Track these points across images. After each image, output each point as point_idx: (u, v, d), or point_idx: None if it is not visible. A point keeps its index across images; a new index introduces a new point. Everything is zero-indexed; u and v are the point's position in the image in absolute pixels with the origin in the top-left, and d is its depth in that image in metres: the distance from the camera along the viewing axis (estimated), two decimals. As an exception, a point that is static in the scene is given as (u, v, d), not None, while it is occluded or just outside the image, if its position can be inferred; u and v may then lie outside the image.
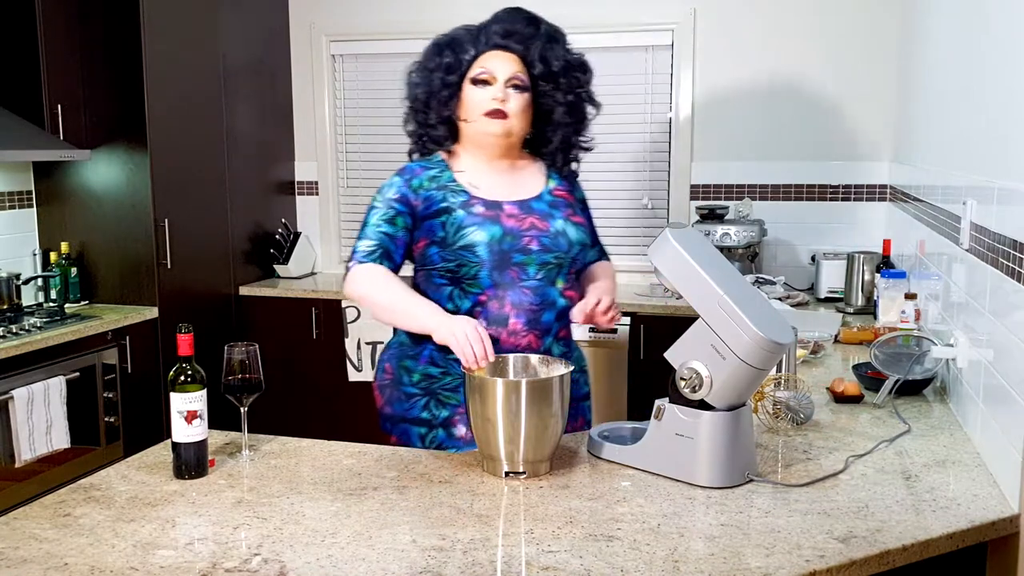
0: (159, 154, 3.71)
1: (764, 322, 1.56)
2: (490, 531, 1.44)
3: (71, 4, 3.62)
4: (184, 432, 1.65)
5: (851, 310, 3.42)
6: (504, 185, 2.01)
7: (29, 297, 3.72)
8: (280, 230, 4.48)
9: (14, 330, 3.22)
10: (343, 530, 1.44)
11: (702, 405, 1.61)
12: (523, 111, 1.99)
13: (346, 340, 4.07)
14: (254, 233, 4.36)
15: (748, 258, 3.90)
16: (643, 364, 3.68)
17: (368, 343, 4.04)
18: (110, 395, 3.50)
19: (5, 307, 3.50)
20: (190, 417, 1.64)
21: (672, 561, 1.33)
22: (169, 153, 3.76)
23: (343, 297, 4.06)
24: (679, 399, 1.63)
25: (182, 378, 1.65)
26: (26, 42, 3.60)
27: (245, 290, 4.24)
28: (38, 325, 3.31)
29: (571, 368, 1.76)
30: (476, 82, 1.97)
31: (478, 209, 1.94)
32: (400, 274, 1.99)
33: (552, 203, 2.02)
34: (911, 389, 2.19)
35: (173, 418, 1.65)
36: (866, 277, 3.40)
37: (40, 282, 3.72)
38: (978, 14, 2.17)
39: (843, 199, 3.98)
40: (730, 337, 1.56)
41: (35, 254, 3.84)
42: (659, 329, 3.62)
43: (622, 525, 1.45)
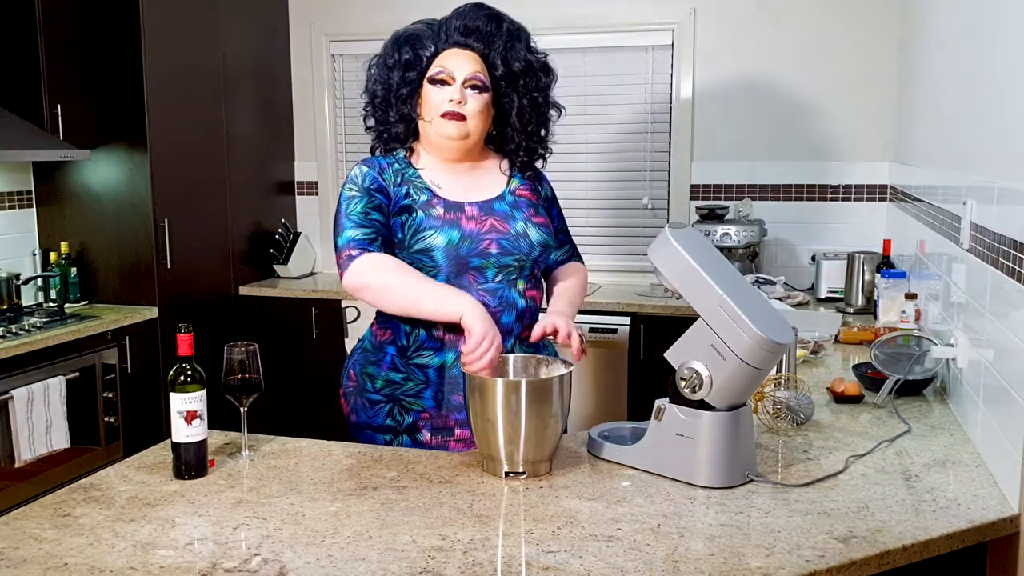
0: (159, 154, 3.71)
1: (764, 322, 1.56)
2: (490, 531, 1.44)
3: (71, 4, 3.62)
4: (184, 432, 1.65)
5: (851, 310, 3.42)
6: (465, 185, 1.98)
7: (29, 297, 3.72)
8: (280, 230, 4.48)
9: (14, 330, 3.22)
10: (343, 530, 1.44)
11: (702, 405, 1.61)
12: (481, 112, 1.94)
13: (346, 340, 4.07)
14: (254, 233, 4.36)
15: (748, 258, 3.90)
16: (643, 364, 3.68)
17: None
18: (110, 395, 3.50)
19: (5, 307, 3.50)
20: (190, 417, 1.64)
21: (672, 561, 1.33)
22: (169, 153, 3.76)
23: (343, 297, 4.06)
24: (679, 399, 1.63)
25: (182, 378, 1.65)
26: (26, 42, 3.60)
27: (245, 290, 4.24)
28: (38, 325, 3.31)
29: (571, 368, 1.76)
30: (434, 81, 1.92)
31: (438, 211, 1.91)
32: None
33: (513, 204, 1.99)
34: (911, 389, 2.19)
35: (173, 418, 1.64)
36: (866, 277, 3.40)
37: (40, 282, 3.72)
38: (978, 14, 2.17)
39: (843, 199, 3.98)
40: (730, 337, 1.56)
41: (35, 254, 3.84)
42: (659, 329, 3.62)
43: (622, 525, 1.45)
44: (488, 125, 1.99)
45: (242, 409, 1.76)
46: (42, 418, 3.15)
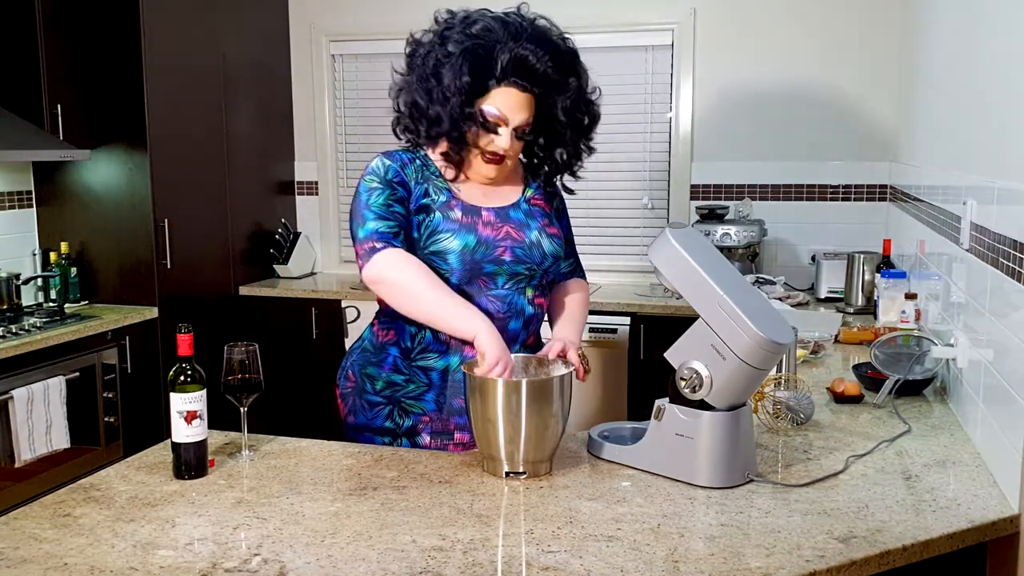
0: (159, 154, 3.71)
1: (764, 322, 1.56)
2: (490, 531, 1.44)
3: (71, 4, 3.62)
4: (184, 432, 1.65)
5: (851, 310, 3.42)
6: (483, 191, 1.96)
7: (29, 297, 3.72)
8: (280, 230, 4.48)
9: (14, 330, 3.22)
10: (343, 530, 1.44)
11: (702, 405, 1.61)
12: (519, 152, 1.93)
13: (346, 340, 4.07)
14: (254, 233, 4.36)
15: (748, 258, 3.90)
16: (643, 364, 3.68)
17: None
18: (110, 395, 3.50)
19: (5, 307, 3.50)
20: (190, 417, 1.64)
21: (672, 561, 1.33)
22: (169, 153, 3.76)
23: (343, 297, 4.06)
24: (679, 399, 1.63)
25: (182, 378, 1.65)
26: (26, 42, 3.60)
27: (245, 290, 4.24)
28: (38, 325, 3.31)
29: (571, 368, 1.76)
30: (484, 121, 1.84)
31: (456, 214, 1.89)
32: None
33: (528, 212, 1.98)
34: (911, 389, 2.19)
35: (173, 418, 1.64)
36: (866, 277, 3.40)
37: (40, 282, 3.72)
38: (978, 14, 2.17)
39: (843, 199, 3.98)
40: (730, 337, 1.56)
41: (35, 254, 3.84)
42: (659, 329, 3.62)
43: (622, 525, 1.45)
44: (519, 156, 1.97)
45: (242, 409, 1.76)
46: (42, 418, 3.15)
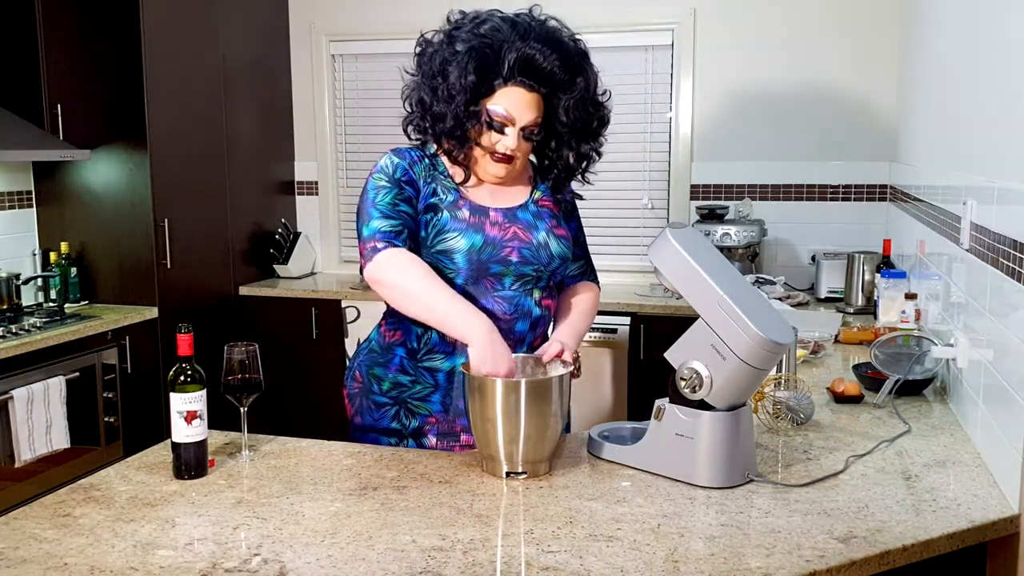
0: (159, 154, 3.71)
1: (764, 322, 1.56)
2: (490, 531, 1.44)
3: (71, 4, 3.62)
4: (184, 432, 1.65)
5: (851, 310, 3.42)
6: (491, 191, 1.95)
7: (29, 297, 3.72)
8: (280, 230, 4.48)
9: (14, 330, 3.22)
10: (343, 530, 1.44)
11: (702, 405, 1.61)
12: (527, 153, 1.91)
13: (346, 340, 4.07)
14: (254, 233, 4.36)
15: (748, 258, 3.90)
16: (643, 364, 3.68)
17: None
18: (110, 395, 3.50)
19: (5, 307, 3.50)
20: (190, 417, 1.64)
21: (672, 561, 1.33)
22: (169, 153, 3.76)
23: (343, 297, 4.06)
24: (679, 399, 1.63)
25: (182, 378, 1.65)
26: (26, 42, 3.60)
27: (245, 290, 4.24)
28: (38, 325, 3.31)
29: (570, 368, 1.76)
30: (490, 121, 1.83)
31: (463, 214, 1.88)
32: None
33: (536, 213, 1.97)
34: (911, 389, 2.19)
35: (173, 418, 1.64)
36: (866, 277, 3.40)
37: (40, 282, 3.72)
38: (978, 14, 2.17)
39: (843, 199, 3.98)
40: (730, 337, 1.56)
41: (35, 254, 3.84)
42: (659, 329, 3.62)
43: (622, 525, 1.45)
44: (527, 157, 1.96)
45: (242, 409, 1.76)
46: (42, 418, 3.15)
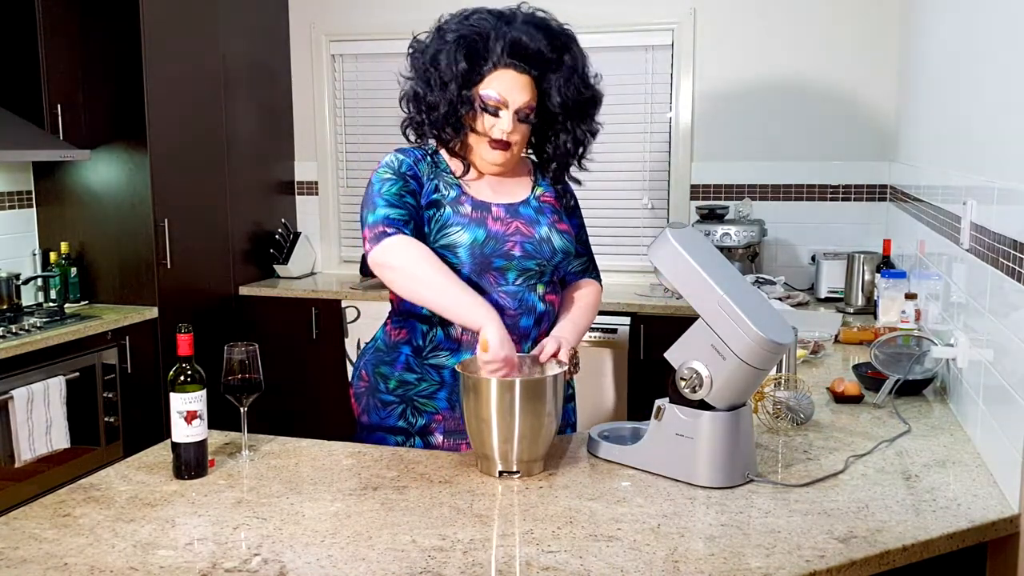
0: (159, 154, 3.71)
1: (764, 322, 1.56)
2: (490, 531, 1.44)
3: (71, 4, 3.62)
4: (184, 432, 1.65)
5: (851, 310, 3.42)
6: (492, 186, 1.97)
7: (29, 297, 3.72)
8: (280, 230, 4.48)
9: (14, 330, 3.22)
10: (343, 530, 1.44)
11: (702, 405, 1.61)
12: (525, 138, 1.93)
13: (346, 340, 4.07)
14: (254, 233, 4.36)
15: (748, 258, 3.90)
16: (643, 364, 3.67)
17: (368, 343, 4.04)
18: (110, 395, 3.50)
19: (5, 307, 3.50)
20: (190, 417, 1.64)
21: (672, 561, 1.33)
22: (169, 153, 3.76)
23: (343, 297, 4.06)
24: (679, 399, 1.63)
25: (182, 378, 1.65)
26: (26, 42, 3.60)
27: (245, 290, 4.24)
28: (38, 325, 3.31)
29: (565, 367, 1.76)
30: (485, 106, 1.86)
31: (466, 209, 1.89)
32: None
33: (538, 209, 1.98)
34: (911, 389, 2.19)
35: (173, 418, 1.64)
36: (866, 277, 3.40)
37: (40, 282, 3.72)
38: (978, 14, 2.17)
39: (843, 199, 3.98)
40: (730, 337, 1.56)
41: (35, 254, 3.84)
42: (659, 329, 3.61)
43: (622, 525, 1.45)
44: (526, 145, 1.97)
45: (242, 409, 1.76)
46: (42, 418, 3.15)
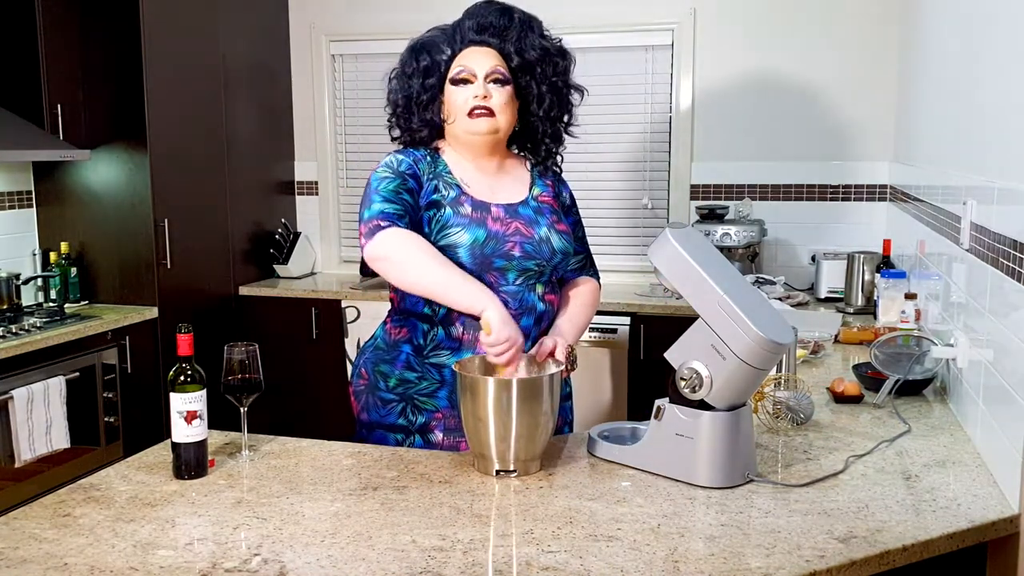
0: (159, 154, 3.71)
1: (764, 322, 1.56)
2: (490, 531, 1.44)
3: (71, 4, 3.62)
4: (184, 432, 1.65)
5: (851, 310, 3.42)
6: (490, 187, 1.97)
7: (29, 297, 3.72)
8: (280, 230, 4.48)
9: (14, 330, 3.22)
10: (343, 530, 1.44)
11: (702, 405, 1.61)
12: (507, 104, 1.94)
13: (346, 340, 4.07)
14: (254, 233, 4.36)
15: (748, 258, 3.90)
16: (643, 364, 3.67)
17: (368, 343, 4.04)
18: (110, 395, 3.50)
19: (5, 307, 3.50)
20: (190, 417, 1.64)
21: (672, 561, 1.33)
22: (169, 153, 3.76)
23: (343, 297, 4.06)
24: (679, 399, 1.63)
25: (182, 378, 1.65)
26: (26, 42, 3.60)
27: (245, 290, 4.24)
28: (38, 325, 3.31)
29: (561, 367, 1.76)
30: (456, 82, 1.93)
31: (465, 209, 1.90)
32: None
33: (537, 209, 1.99)
34: (911, 389, 2.19)
35: (173, 418, 1.64)
36: (866, 277, 3.40)
37: (40, 282, 3.72)
38: (978, 14, 2.17)
39: (843, 199, 3.98)
40: (730, 337, 1.56)
41: (35, 254, 3.84)
42: (659, 329, 3.61)
43: (622, 525, 1.45)
44: (514, 118, 1.98)
45: (242, 409, 1.76)
46: (42, 418, 3.15)
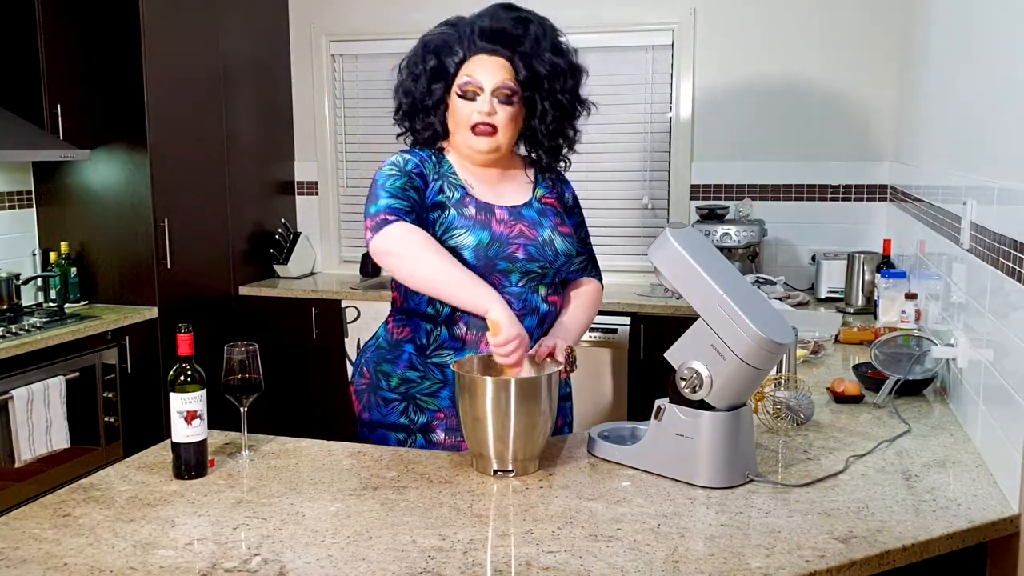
0: (159, 154, 3.71)
1: (764, 322, 1.56)
2: (490, 531, 1.44)
3: (71, 4, 3.62)
4: (184, 432, 1.65)
5: (851, 310, 3.42)
6: (494, 189, 1.97)
7: (29, 297, 3.72)
8: (280, 230, 4.48)
9: (14, 330, 3.22)
10: (343, 530, 1.44)
11: (702, 405, 1.61)
12: (511, 121, 1.92)
13: (346, 340, 4.07)
14: (254, 233, 4.36)
15: (748, 258, 3.90)
16: (643, 364, 3.68)
17: (368, 343, 4.04)
18: (110, 395, 3.50)
19: (5, 307, 3.50)
20: (190, 417, 1.64)
21: (672, 561, 1.33)
22: (169, 153, 3.76)
23: (343, 297, 4.06)
24: (679, 399, 1.63)
25: (182, 378, 1.65)
26: (26, 42, 3.60)
27: (245, 290, 4.24)
28: (38, 325, 3.31)
29: (560, 367, 1.76)
30: (463, 93, 1.89)
31: (470, 211, 1.90)
32: None
33: (541, 211, 1.98)
34: (911, 389, 2.19)
35: (173, 418, 1.64)
36: (866, 277, 3.40)
37: (40, 282, 3.72)
38: (978, 14, 2.17)
39: (843, 199, 3.98)
40: (730, 337, 1.56)
41: (35, 254, 3.84)
42: (659, 329, 3.61)
43: (622, 525, 1.45)
44: (517, 132, 1.97)
45: (242, 409, 1.76)
46: (42, 418, 3.15)
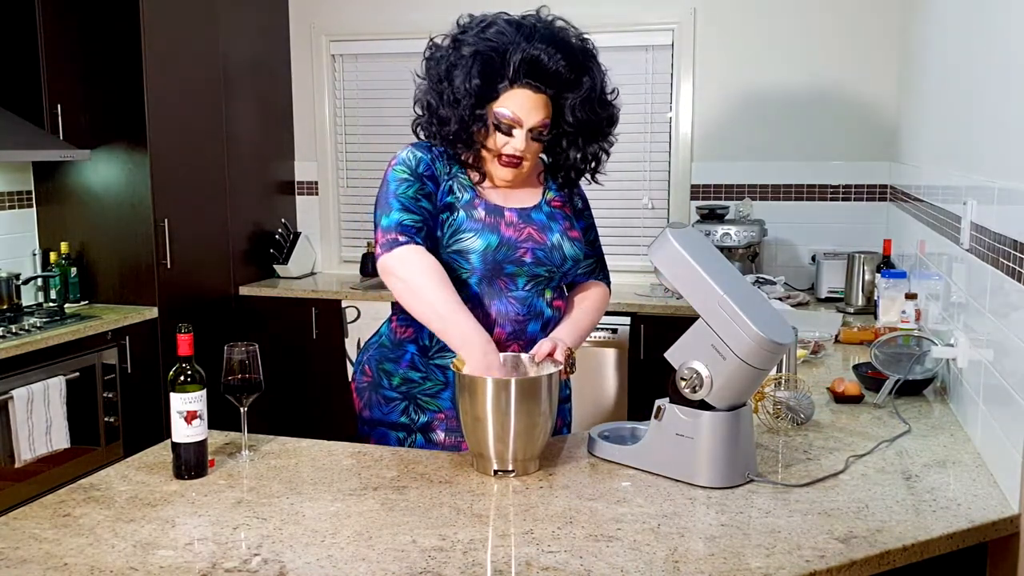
0: (159, 154, 3.71)
1: (764, 322, 1.56)
2: (490, 531, 1.44)
3: (71, 4, 3.62)
4: (184, 432, 1.65)
5: (851, 310, 3.42)
6: (503, 191, 1.96)
7: (29, 297, 3.72)
8: (280, 230, 4.48)
9: (14, 330, 3.22)
10: (343, 530, 1.44)
11: (702, 405, 1.61)
12: (536, 153, 1.91)
13: (346, 340, 4.07)
14: (254, 233, 4.36)
15: (748, 258, 3.90)
16: (643, 364, 3.68)
17: (368, 343, 4.04)
18: (110, 395, 3.50)
19: (5, 307, 3.50)
20: (190, 417, 1.64)
21: (672, 561, 1.33)
22: (169, 153, 3.76)
23: (343, 297, 4.06)
24: (679, 399, 1.63)
25: (182, 378, 1.65)
26: (26, 42, 3.60)
27: (245, 290, 4.24)
28: (38, 325, 3.31)
29: (560, 367, 1.76)
30: (497, 123, 1.84)
31: (479, 213, 1.88)
32: None
33: (550, 215, 1.97)
34: (911, 389, 2.19)
35: (173, 418, 1.64)
36: (866, 277, 3.40)
37: (40, 282, 3.72)
38: (978, 14, 2.17)
39: (843, 199, 3.98)
40: (730, 337, 1.56)
41: (35, 254, 3.84)
42: (659, 329, 3.62)
43: (622, 525, 1.45)
44: (537, 159, 1.95)
45: (242, 409, 1.76)
46: (42, 418, 3.15)
